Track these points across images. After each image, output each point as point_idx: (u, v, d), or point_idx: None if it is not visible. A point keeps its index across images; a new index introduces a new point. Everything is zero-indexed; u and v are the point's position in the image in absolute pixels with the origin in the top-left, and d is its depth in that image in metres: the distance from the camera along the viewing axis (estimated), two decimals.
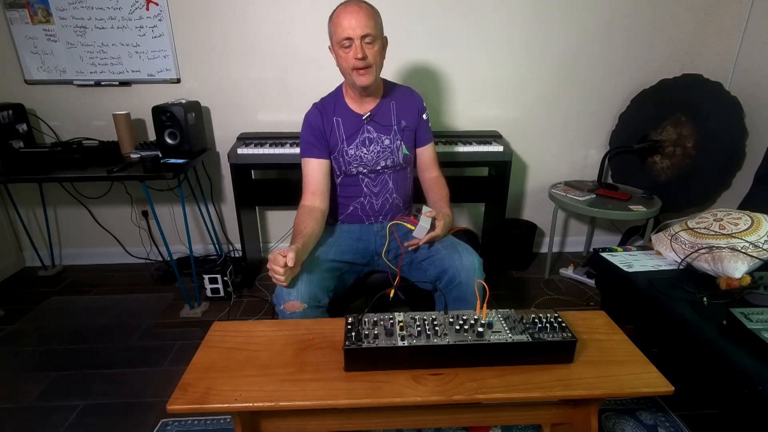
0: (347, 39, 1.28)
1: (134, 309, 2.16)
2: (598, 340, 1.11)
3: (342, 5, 1.30)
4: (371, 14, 1.30)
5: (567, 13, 2.26)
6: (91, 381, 1.67)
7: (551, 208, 2.37)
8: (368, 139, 1.45)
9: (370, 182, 1.48)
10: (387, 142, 1.46)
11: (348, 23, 1.26)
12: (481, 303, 1.07)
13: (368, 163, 1.45)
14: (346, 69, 1.33)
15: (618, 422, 1.45)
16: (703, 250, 1.42)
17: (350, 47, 1.29)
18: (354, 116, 1.44)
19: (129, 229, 2.57)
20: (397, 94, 1.49)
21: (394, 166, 1.48)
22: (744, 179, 2.09)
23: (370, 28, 1.28)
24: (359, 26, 1.26)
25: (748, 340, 1.10)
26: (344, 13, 1.27)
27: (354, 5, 1.28)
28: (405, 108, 1.49)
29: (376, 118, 1.45)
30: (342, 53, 1.31)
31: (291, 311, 1.22)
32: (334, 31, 1.30)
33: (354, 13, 1.26)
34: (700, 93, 2.13)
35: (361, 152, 1.44)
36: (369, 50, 1.30)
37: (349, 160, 1.45)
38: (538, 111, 2.46)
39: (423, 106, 1.53)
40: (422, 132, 1.53)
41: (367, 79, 1.33)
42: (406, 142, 1.48)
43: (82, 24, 2.15)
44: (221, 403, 0.91)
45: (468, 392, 0.94)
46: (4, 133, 2.08)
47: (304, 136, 1.44)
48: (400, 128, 1.47)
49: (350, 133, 1.44)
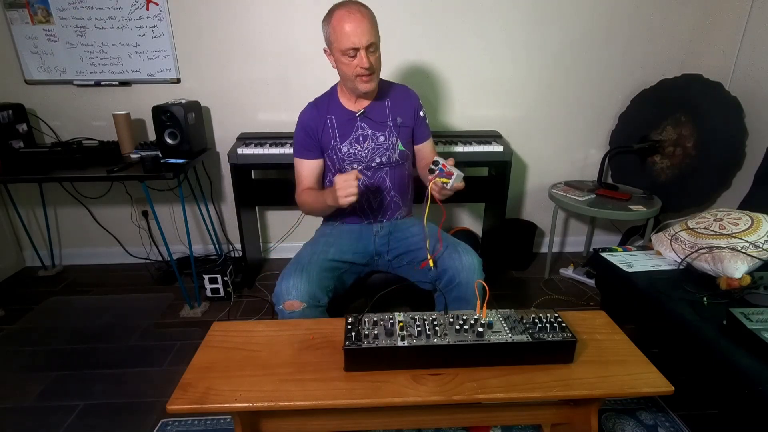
0: (352, 49, 1.27)
1: (134, 309, 2.15)
2: (598, 340, 1.11)
3: (341, 10, 1.27)
4: (373, 20, 1.29)
5: (567, 13, 2.26)
6: (91, 381, 1.67)
7: (551, 208, 2.37)
8: (362, 136, 1.45)
9: (366, 180, 1.48)
10: (382, 138, 1.46)
11: (353, 32, 1.25)
12: (481, 303, 1.07)
13: (363, 160, 1.46)
14: (348, 75, 1.33)
15: (618, 422, 1.45)
16: (703, 250, 1.42)
17: (355, 56, 1.28)
18: (347, 114, 1.45)
19: (129, 229, 2.57)
20: (392, 92, 1.50)
21: (390, 163, 1.49)
22: (744, 179, 2.09)
23: (374, 36, 1.29)
24: (364, 35, 1.26)
25: (748, 340, 1.10)
26: (347, 21, 1.25)
27: (356, 12, 1.26)
28: (400, 105, 1.49)
29: (369, 115, 1.45)
30: (345, 60, 1.30)
31: (290, 310, 1.23)
32: (336, 39, 1.28)
33: (358, 21, 1.25)
34: (700, 93, 2.13)
35: (354, 149, 1.45)
36: (372, 57, 1.30)
37: (343, 157, 1.45)
38: (538, 111, 2.46)
39: (419, 104, 1.54)
40: (420, 129, 1.54)
41: (370, 85, 1.35)
42: (402, 139, 1.49)
43: (82, 24, 2.15)
44: (221, 403, 0.91)
45: (468, 392, 0.94)
46: (4, 133, 2.08)
47: (297, 136, 1.46)
48: (396, 125, 1.47)
49: (343, 131, 1.44)
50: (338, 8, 1.28)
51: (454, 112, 2.44)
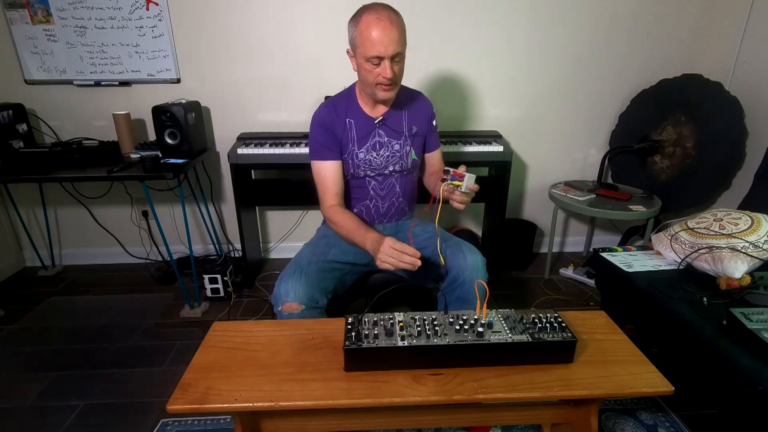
0: (377, 57, 1.22)
1: (134, 309, 2.15)
2: (598, 340, 1.11)
3: (370, 14, 1.21)
4: (402, 29, 1.24)
5: (567, 13, 2.26)
6: (91, 381, 1.67)
7: (551, 208, 2.37)
8: (379, 143, 1.43)
9: (377, 185, 1.47)
10: (397, 147, 1.44)
11: (380, 40, 1.20)
12: (481, 303, 1.07)
13: (377, 168, 1.44)
14: (369, 82, 1.29)
15: (618, 422, 1.45)
16: (703, 250, 1.42)
17: (378, 64, 1.24)
18: (367, 119, 1.41)
19: (129, 229, 2.57)
20: (409, 100, 1.47)
21: (402, 171, 1.48)
22: (744, 179, 2.09)
23: (401, 45, 1.24)
24: (391, 44, 1.21)
25: (748, 340, 1.10)
26: (376, 27, 1.19)
27: (386, 19, 1.20)
28: (417, 115, 1.47)
29: (388, 122, 1.43)
30: (368, 67, 1.26)
31: (289, 312, 1.23)
32: (361, 44, 1.23)
33: (387, 29, 1.19)
34: (700, 93, 2.13)
35: (371, 156, 1.42)
36: (396, 67, 1.26)
37: (359, 163, 1.43)
38: (538, 111, 2.46)
39: (433, 113, 1.52)
40: (431, 138, 1.53)
41: (390, 94, 1.32)
42: (415, 148, 1.48)
43: (82, 24, 2.15)
44: (221, 403, 0.91)
45: (468, 392, 0.94)
46: (4, 133, 2.08)
47: (315, 138, 1.39)
48: (411, 134, 1.46)
49: (362, 136, 1.41)
50: (367, 12, 1.22)
51: (454, 111, 2.44)
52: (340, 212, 1.37)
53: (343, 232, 1.36)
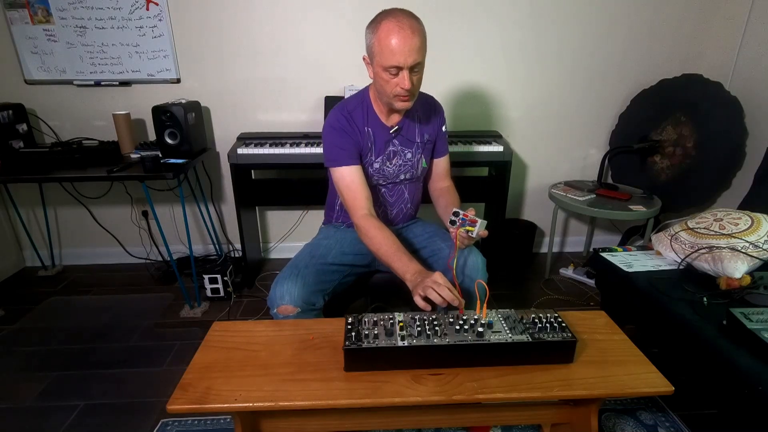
0: (395, 67, 1.17)
1: (134, 309, 2.15)
2: (598, 340, 1.11)
3: (391, 21, 1.15)
4: (423, 37, 1.18)
5: (567, 14, 2.26)
6: (91, 381, 1.67)
7: (551, 208, 2.37)
8: (393, 152, 1.40)
9: (387, 192, 1.46)
10: (409, 155, 1.42)
11: (399, 50, 1.14)
12: (481, 303, 1.07)
13: (389, 176, 1.42)
14: (386, 92, 1.24)
15: (618, 422, 1.45)
16: (703, 250, 1.42)
17: (396, 74, 1.19)
18: (383, 128, 1.37)
19: (129, 229, 2.57)
20: (423, 106, 1.43)
21: (412, 178, 1.47)
22: (744, 179, 2.09)
23: (421, 55, 1.18)
24: (411, 55, 1.15)
25: (748, 340, 1.10)
26: (395, 35, 1.13)
27: (407, 28, 1.14)
28: (430, 121, 1.45)
29: (403, 132, 1.40)
30: (385, 77, 1.20)
31: (284, 315, 1.23)
32: (379, 52, 1.17)
33: (407, 38, 1.13)
34: (700, 93, 2.13)
35: (385, 166, 1.40)
36: (415, 77, 1.21)
37: (372, 173, 1.40)
38: (538, 111, 2.46)
39: (443, 118, 1.49)
40: (440, 143, 1.50)
41: (407, 104, 1.27)
42: (425, 155, 1.46)
43: (82, 24, 2.15)
44: (221, 403, 0.91)
45: (468, 392, 0.94)
46: (4, 133, 2.08)
47: (334, 142, 1.31)
48: (423, 141, 1.44)
49: (380, 146, 1.37)
50: (387, 18, 1.16)
51: (454, 111, 2.44)
52: (376, 226, 1.27)
53: (380, 252, 1.25)
